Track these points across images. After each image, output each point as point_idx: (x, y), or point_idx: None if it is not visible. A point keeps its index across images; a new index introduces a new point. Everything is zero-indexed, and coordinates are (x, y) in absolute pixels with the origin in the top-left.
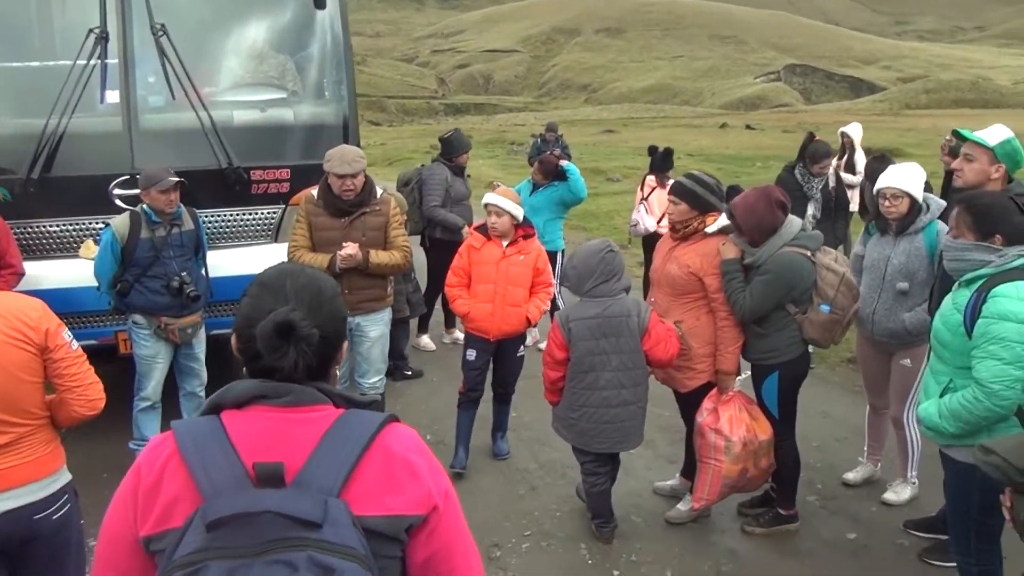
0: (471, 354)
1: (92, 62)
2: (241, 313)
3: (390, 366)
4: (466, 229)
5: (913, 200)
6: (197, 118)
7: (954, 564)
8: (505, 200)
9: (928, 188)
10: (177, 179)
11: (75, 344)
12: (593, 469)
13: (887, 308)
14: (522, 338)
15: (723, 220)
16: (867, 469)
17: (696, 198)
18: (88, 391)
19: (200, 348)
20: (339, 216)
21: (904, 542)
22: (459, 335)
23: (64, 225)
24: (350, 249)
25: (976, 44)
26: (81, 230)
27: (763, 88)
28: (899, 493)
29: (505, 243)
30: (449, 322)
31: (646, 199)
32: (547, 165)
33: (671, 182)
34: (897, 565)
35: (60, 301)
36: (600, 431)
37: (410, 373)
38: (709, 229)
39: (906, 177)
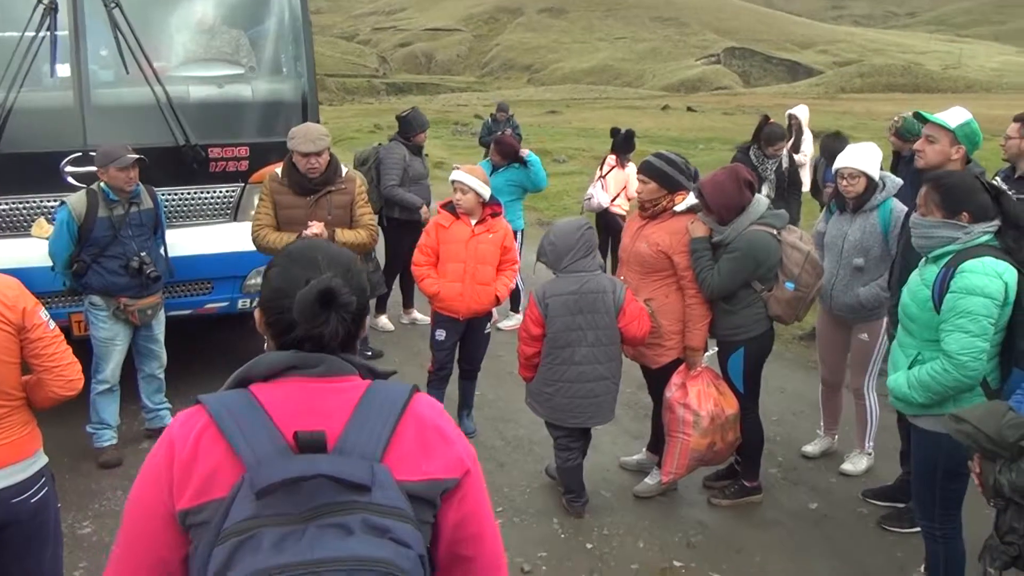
0: (440, 334)
1: (41, 34)
2: (269, 285)
3: None
4: (424, 209)
5: (869, 179)
6: (152, 93)
7: (912, 530)
8: (471, 177)
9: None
10: (136, 156)
11: (52, 323)
12: (566, 444)
13: (844, 284)
14: (489, 316)
15: (691, 199)
16: (825, 442)
17: (665, 177)
18: (66, 371)
19: (160, 330)
20: (304, 194)
21: (863, 510)
22: (417, 315)
23: (13, 204)
24: (316, 228)
25: (908, 30)
26: (32, 209)
27: (703, 70)
28: (856, 464)
29: (473, 221)
30: (407, 302)
31: (603, 177)
32: (505, 147)
33: (630, 164)
34: (857, 533)
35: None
36: (575, 406)
37: (370, 354)
38: (678, 208)
39: (863, 157)
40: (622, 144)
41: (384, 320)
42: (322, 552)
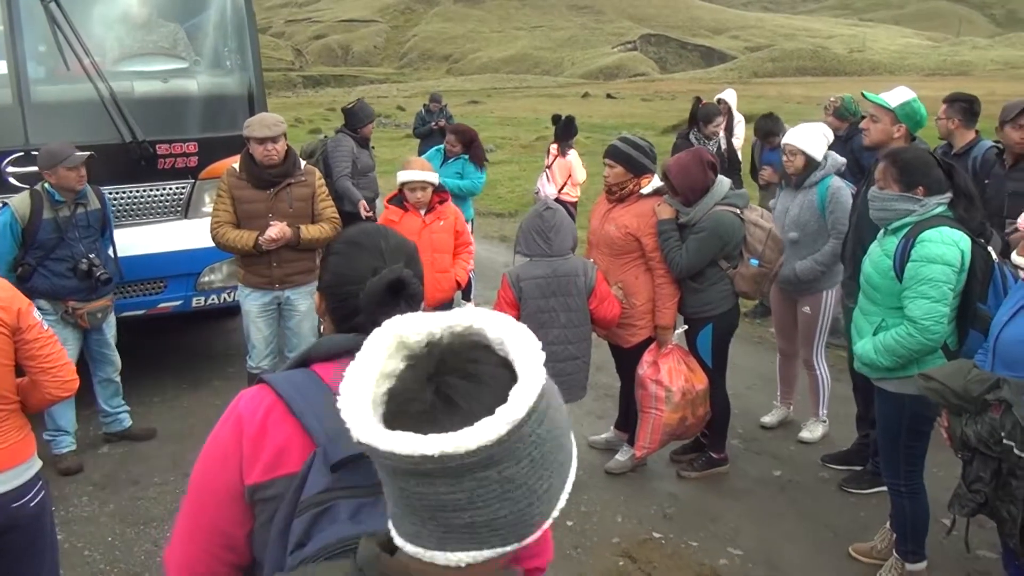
0: None
1: None
2: (332, 271)
3: None
4: (363, 204)
5: (808, 157)
6: (95, 89)
7: (871, 491)
8: (424, 173)
9: None
10: (86, 153)
11: (45, 324)
12: None
13: (785, 257)
14: (451, 303)
15: (656, 182)
16: (781, 412)
17: (631, 161)
18: (62, 372)
19: (111, 333)
20: (263, 188)
21: (824, 475)
22: None
23: None
24: (275, 231)
25: (815, 15)
26: None
27: (620, 58)
28: (813, 431)
29: (423, 212)
30: None
31: (549, 167)
32: (466, 134)
33: (572, 150)
34: (821, 496)
35: None
36: None
37: None
38: (644, 191)
39: (804, 136)
40: (563, 131)
41: None
42: None
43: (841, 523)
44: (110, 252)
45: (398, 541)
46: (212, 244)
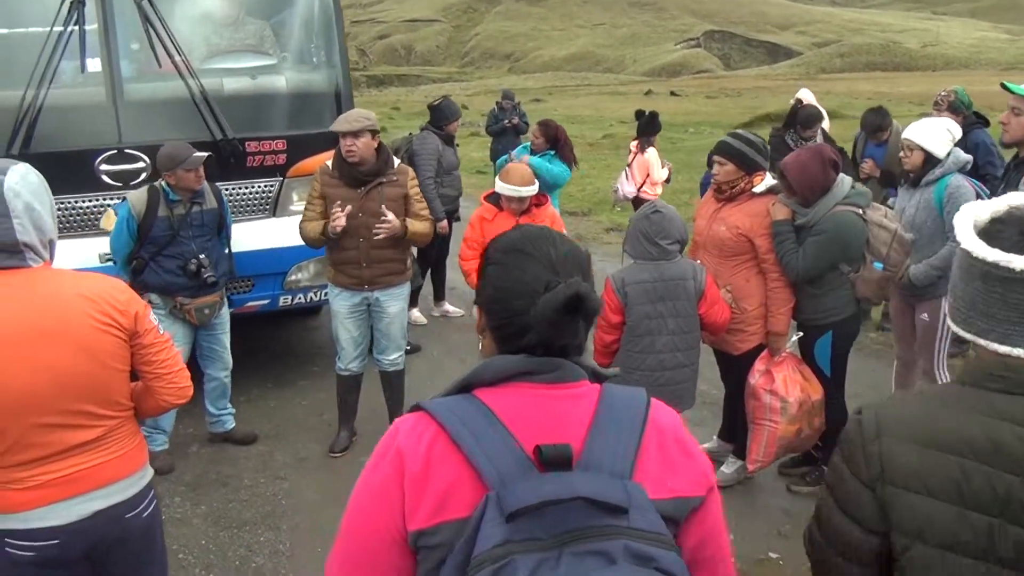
0: None
1: (70, 28)
2: (494, 284)
3: None
4: (443, 225)
5: (928, 154)
6: (187, 87)
7: None
8: (522, 190)
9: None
10: (205, 154)
11: (162, 328)
12: None
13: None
14: None
15: (770, 180)
16: None
17: (744, 158)
18: (177, 378)
19: (223, 331)
20: (355, 186)
21: None
22: (449, 308)
23: None
24: (388, 219)
25: (885, 8)
26: (66, 211)
27: (684, 54)
28: None
29: (518, 213)
30: (438, 294)
31: (629, 165)
32: (550, 128)
33: (651, 148)
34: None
35: None
36: (655, 393)
37: (410, 348)
38: (757, 189)
39: (924, 131)
40: (646, 126)
41: (416, 313)
42: None
43: None
44: (224, 251)
45: (983, 342)
46: (299, 243)
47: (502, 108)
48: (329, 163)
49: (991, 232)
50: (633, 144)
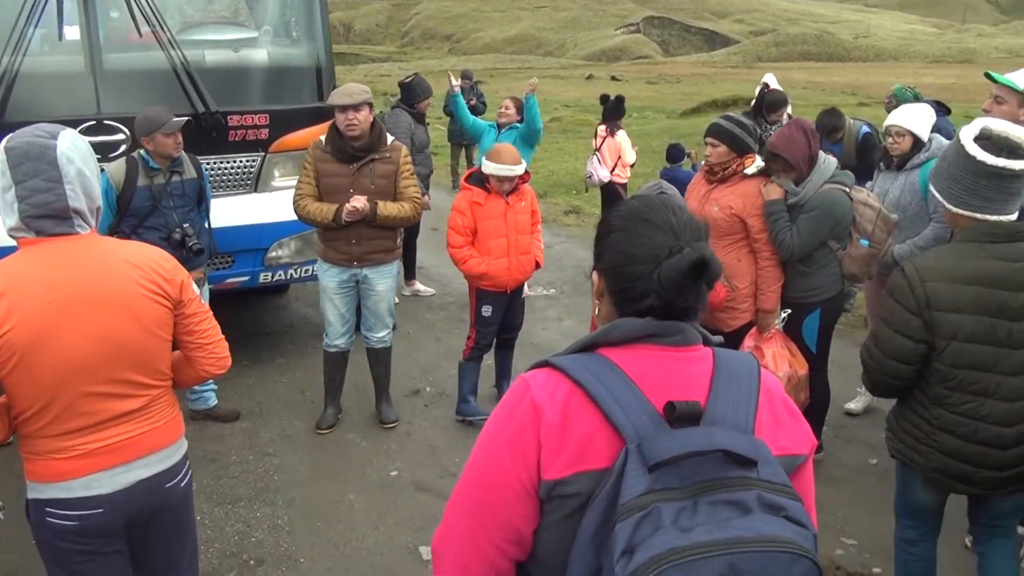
0: (487, 310)
1: None
2: (616, 250)
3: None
4: (426, 199)
5: (916, 138)
6: (168, 58)
7: None
8: (515, 168)
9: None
10: (184, 119)
11: (203, 297)
12: None
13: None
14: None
15: (760, 162)
16: (866, 399)
17: (735, 139)
18: (217, 348)
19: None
20: (347, 162)
21: None
22: (419, 287)
23: None
24: (357, 202)
25: (819, 0)
26: None
27: (624, 40)
28: None
29: (506, 193)
30: (409, 274)
31: (598, 149)
32: (519, 102)
33: (620, 130)
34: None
35: None
36: None
37: None
38: (749, 171)
39: (912, 116)
40: (612, 111)
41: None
42: (729, 532)
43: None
44: (205, 224)
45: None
46: (280, 219)
47: (461, 88)
48: (323, 138)
49: (983, 146)
50: (601, 128)
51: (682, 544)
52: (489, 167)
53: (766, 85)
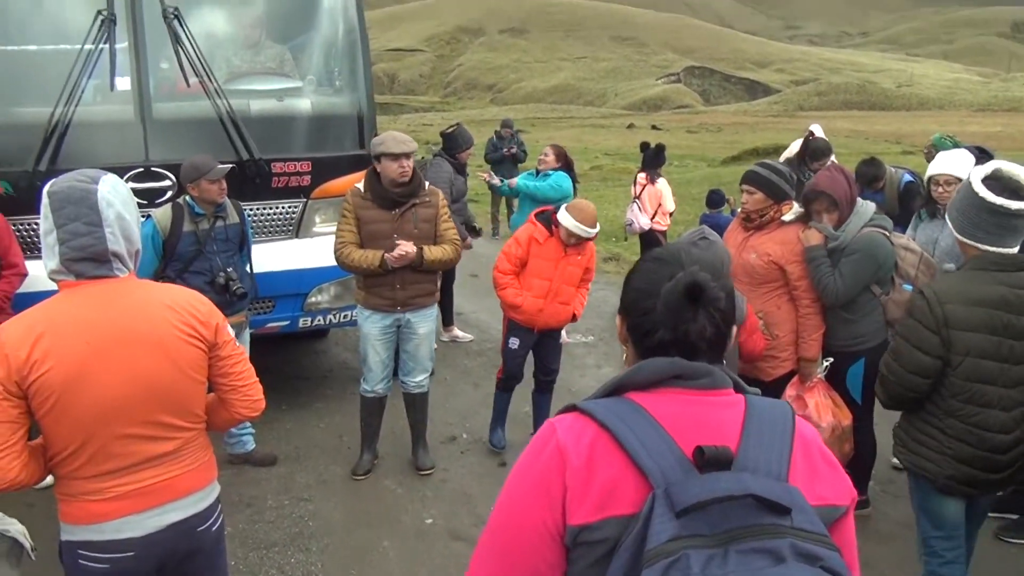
0: (514, 342)
1: (100, 46)
2: (634, 287)
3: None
4: (468, 240)
5: None
6: (214, 107)
7: None
8: (591, 230)
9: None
10: (228, 166)
11: (244, 342)
12: None
13: None
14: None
15: (798, 209)
16: None
17: (772, 187)
18: (251, 391)
19: (245, 349)
20: (389, 208)
21: None
22: (458, 333)
23: None
24: (405, 248)
25: (861, 49)
26: None
27: (664, 89)
28: None
29: (568, 245)
30: (447, 320)
31: (638, 197)
32: (560, 150)
33: (660, 178)
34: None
35: None
36: None
37: None
38: (786, 217)
39: (958, 163)
40: (652, 159)
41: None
42: None
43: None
44: (247, 268)
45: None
46: (320, 264)
47: (500, 137)
48: (360, 185)
49: (988, 185)
50: (641, 176)
51: None
52: (567, 221)
53: (811, 133)
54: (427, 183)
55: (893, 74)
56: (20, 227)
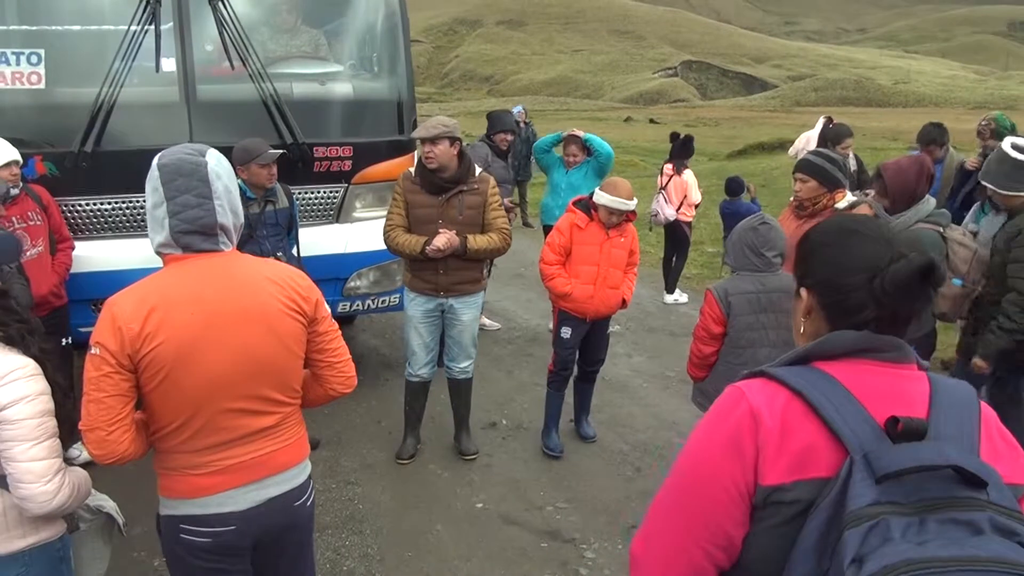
0: (566, 331)
1: (145, 27)
2: (829, 262)
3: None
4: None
5: None
6: (258, 90)
7: None
8: (632, 204)
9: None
10: (279, 151)
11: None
12: None
13: None
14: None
15: (851, 197)
16: None
17: (825, 175)
18: (346, 367)
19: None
20: (436, 193)
21: None
22: (486, 321)
23: (117, 204)
24: (442, 240)
25: (858, 46)
26: (137, 209)
27: (661, 83)
28: None
29: (609, 226)
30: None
31: (664, 188)
32: (579, 141)
33: (687, 170)
34: None
35: (120, 284)
36: None
37: None
38: (839, 205)
39: None
40: (680, 150)
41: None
42: (966, 549)
43: None
44: (294, 252)
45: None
46: (360, 249)
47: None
48: (412, 169)
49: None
50: (667, 167)
51: (917, 556)
52: (603, 198)
53: (829, 119)
54: (478, 170)
55: (890, 71)
56: (64, 208)
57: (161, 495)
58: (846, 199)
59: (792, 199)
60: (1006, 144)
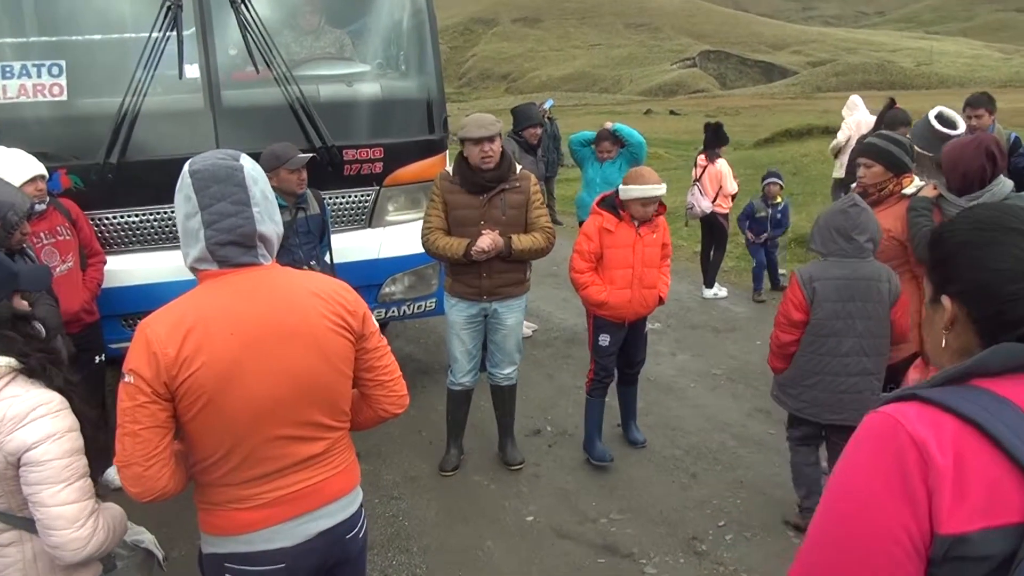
0: (604, 339)
1: (167, 34)
2: (985, 267)
3: None
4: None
5: None
6: (284, 94)
7: None
8: (658, 187)
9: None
10: (308, 156)
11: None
12: (805, 443)
13: None
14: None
15: (919, 182)
16: None
17: (892, 159)
18: (397, 385)
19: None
20: (477, 193)
21: None
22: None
23: (144, 215)
24: (486, 241)
25: (878, 28)
26: (163, 220)
27: (680, 74)
28: None
29: (637, 224)
30: None
31: (699, 180)
32: (610, 136)
33: (720, 159)
34: None
35: (150, 298)
36: (836, 401)
37: None
38: (908, 190)
39: None
40: (712, 138)
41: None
42: None
43: None
44: (327, 259)
45: None
46: (395, 254)
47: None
48: (449, 169)
49: None
50: (700, 157)
51: None
52: (633, 191)
53: (892, 100)
54: (519, 167)
55: (912, 52)
56: (93, 222)
57: (203, 531)
58: (914, 184)
59: (855, 185)
60: None
